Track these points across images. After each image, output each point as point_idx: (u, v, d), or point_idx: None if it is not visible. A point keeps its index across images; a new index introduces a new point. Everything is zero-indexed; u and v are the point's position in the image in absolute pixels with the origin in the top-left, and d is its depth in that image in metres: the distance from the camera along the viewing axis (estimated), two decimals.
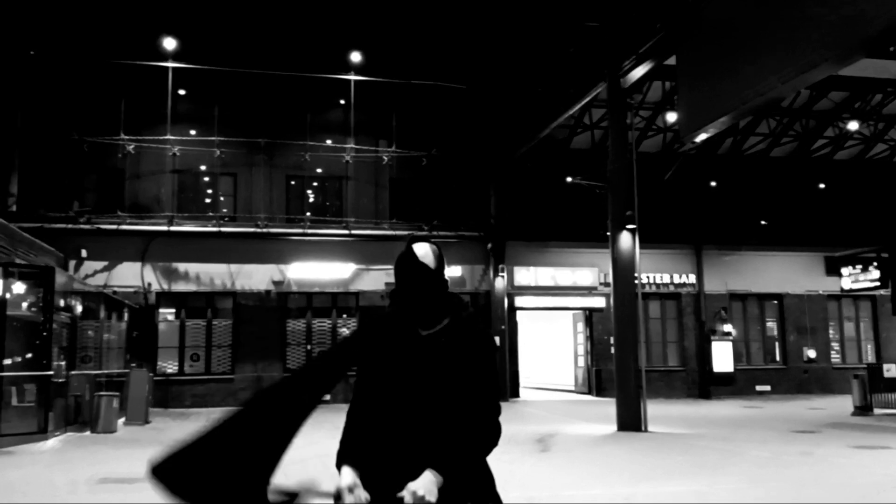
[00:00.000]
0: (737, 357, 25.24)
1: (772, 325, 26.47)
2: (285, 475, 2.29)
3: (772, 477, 9.77)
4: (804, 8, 10.84)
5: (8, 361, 13.29)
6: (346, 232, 22.80)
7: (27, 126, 21.35)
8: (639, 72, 16.51)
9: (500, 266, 23.57)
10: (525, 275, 24.19)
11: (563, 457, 11.59)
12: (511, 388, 23.36)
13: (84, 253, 21.03)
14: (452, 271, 23.30)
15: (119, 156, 21.73)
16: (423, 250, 2.59)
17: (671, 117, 22.60)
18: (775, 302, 26.34)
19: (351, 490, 2.32)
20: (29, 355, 14.07)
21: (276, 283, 22.40)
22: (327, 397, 2.54)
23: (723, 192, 26.06)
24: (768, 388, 25.36)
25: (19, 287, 13.70)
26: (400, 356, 2.49)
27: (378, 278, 22.84)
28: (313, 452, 5.25)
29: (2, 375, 12.95)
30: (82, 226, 21.04)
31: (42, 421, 13.32)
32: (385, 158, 23.35)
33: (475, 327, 2.60)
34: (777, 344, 26.32)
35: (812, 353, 25.88)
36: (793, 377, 25.75)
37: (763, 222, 26.43)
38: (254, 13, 20.13)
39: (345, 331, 22.88)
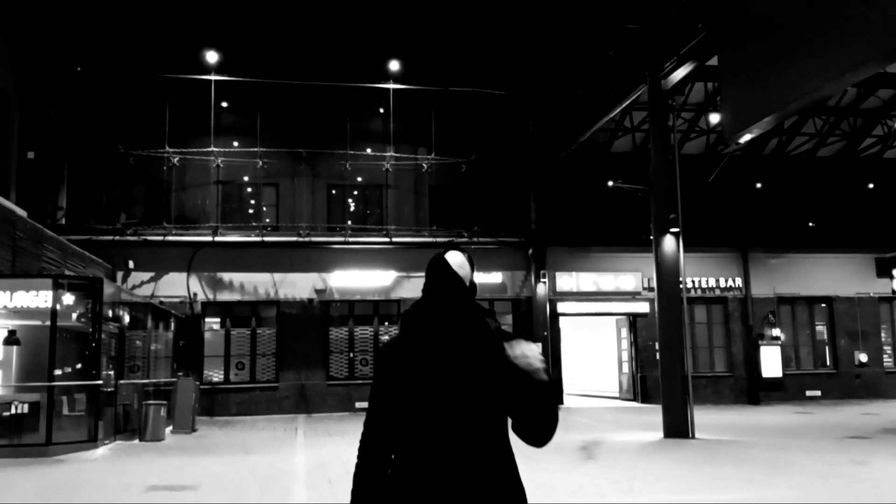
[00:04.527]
0: (786, 362, 24.72)
1: (821, 329, 25.88)
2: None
3: (825, 486, 9.53)
4: (848, 8, 10.61)
5: (59, 371, 13.56)
6: (386, 240, 22.87)
7: (75, 140, 21.84)
8: (680, 73, 16.29)
9: (542, 272, 23.42)
10: (567, 280, 24.01)
11: (609, 464, 11.44)
12: None
13: (131, 264, 21.40)
14: (493, 278, 23.23)
15: (164, 168, 22.08)
16: (458, 259, 2.58)
17: (714, 118, 22.30)
18: (824, 305, 25.75)
19: None
20: (79, 365, 14.35)
21: (318, 291, 22.55)
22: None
23: (769, 194, 25.59)
24: (818, 393, 24.79)
25: (69, 298, 13.98)
26: (436, 370, 2.45)
27: (419, 286, 22.49)
28: (333, 456, 5.23)
29: (53, 385, 13.23)
30: (129, 237, 21.42)
31: (92, 429, 13.57)
32: (425, 166, 23.39)
33: (505, 334, 2.57)
34: (827, 348, 25.73)
35: (864, 358, 25.23)
36: (844, 382, 25.13)
37: (811, 224, 25.89)
38: (293, 25, 20.36)
39: (386, 339, 22.85)
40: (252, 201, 23.77)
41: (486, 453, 2.41)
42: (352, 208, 24.26)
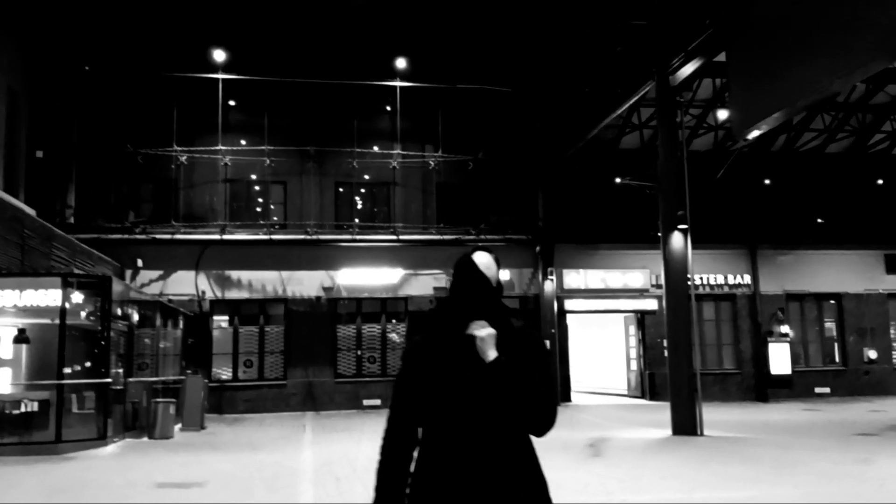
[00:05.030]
0: (794, 359, 24.63)
1: (830, 325, 25.77)
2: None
3: (832, 485, 9.50)
4: (856, 9, 10.57)
5: (68, 370, 13.63)
6: (394, 237, 22.90)
7: (83, 139, 21.91)
8: (688, 69, 16.24)
9: (549, 269, 23.39)
10: (574, 278, 23.98)
11: (617, 462, 11.44)
12: (562, 393, 23.16)
13: (140, 262, 21.49)
14: (501, 275, 23.09)
15: (172, 166, 22.16)
16: (485, 260, 2.65)
17: (722, 115, 22.19)
18: (833, 302, 25.64)
19: None
20: (88, 363, 14.42)
21: (326, 289, 22.59)
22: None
23: (777, 191, 25.48)
24: (827, 390, 24.69)
25: (78, 297, 14.04)
26: (460, 366, 2.50)
27: (426, 283, 22.89)
28: (341, 454, 5.25)
29: (63, 383, 13.30)
30: (138, 236, 21.50)
31: (101, 427, 13.64)
32: (432, 163, 23.39)
33: (526, 331, 2.65)
34: (836, 345, 25.62)
35: (873, 354, 25.13)
36: (853, 379, 25.03)
37: (819, 220, 25.77)
38: (300, 23, 20.37)
39: (394, 336, 22.95)
40: (260, 199, 23.83)
41: (509, 448, 2.46)
42: (359, 206, 24.29)
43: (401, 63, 21.91)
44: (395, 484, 2.52)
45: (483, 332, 2.49)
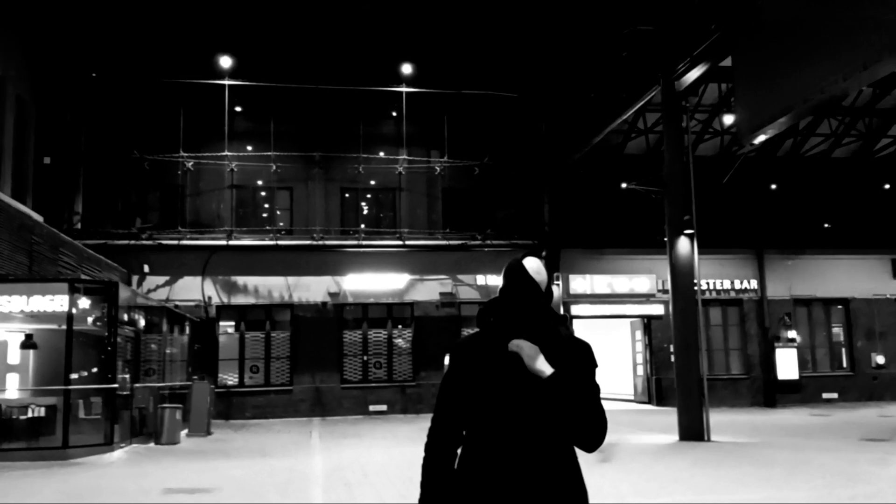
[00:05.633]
0: (802, 364, 24.53)
1: (838, 330, 25.67)
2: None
3: (843, 487, 9.45)
4: (863, 9, 10.55)
5: (75, 375, 13.64)
6: (399, 243, 22.89)
7: (91, 146, 21.99)
8: (694, 74, 16.25)
9: (555, 274, 23.35)
10: (581, 283, 23.94)
11: (625, 467, 11.39)
12: None
13: (147, 268, 21.51)
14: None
15: (179, 173, 22.20)
16: (535, 266, 2.67)
17: (728, 119, 22.19)
18: (841, 307, 25.55)
19: None
20: (95, 369, 14.43)
21: (332, 294, 22.58)
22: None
23: (784, 195, 25.43)
24: (835, 395, 24.59)
25: (85, 302, 14.05)
26: (506, 372, 2.51)
27: (432, 288, 22.86)
28: (350, 459, 5.24)
29: (70, 388, 13.30)
30: (144, 242, 21.54)
31: (108, 433, 13.63)
32: (438, 169, 23.39)
33: (575, 340, 2.67)
34: (844, 350, 25.53)
35: (881, 359, 25.01)
36: (861, 384, 24.92)
37: (826, 225, 25.69)
38: (306, 29, 20.43)
39: (400, 342, 22.93)
40: (266, 205, 23.85)
41: (551, 455, 2.47)
42: (365, 211, 24.31)
43: (406, 69, 21.97)
44: (439, 482, 2.55)
45: (527, 348, 2.48)
